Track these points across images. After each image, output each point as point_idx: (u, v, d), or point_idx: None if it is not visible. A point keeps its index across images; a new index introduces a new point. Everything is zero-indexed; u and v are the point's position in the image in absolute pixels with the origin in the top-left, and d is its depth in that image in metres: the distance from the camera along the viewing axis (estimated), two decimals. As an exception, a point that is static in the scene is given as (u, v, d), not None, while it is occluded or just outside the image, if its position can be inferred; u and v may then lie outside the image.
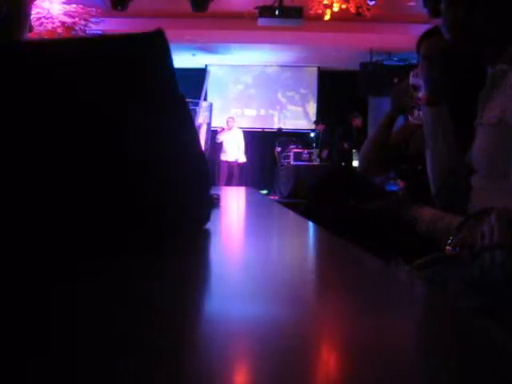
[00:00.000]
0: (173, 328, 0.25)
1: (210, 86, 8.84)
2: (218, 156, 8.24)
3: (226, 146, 8.21)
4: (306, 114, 9.65)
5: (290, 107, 9.81)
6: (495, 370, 0.22)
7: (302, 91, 9.78)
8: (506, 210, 0.78)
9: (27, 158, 0.43)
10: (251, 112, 9.74)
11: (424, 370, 0.22)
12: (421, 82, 1.36)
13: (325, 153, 7.93)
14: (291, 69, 9.67)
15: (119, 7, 6.48)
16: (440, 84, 1.34)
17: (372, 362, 0.22)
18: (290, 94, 9.80)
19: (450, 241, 0.84)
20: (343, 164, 7.44)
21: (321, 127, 8.39)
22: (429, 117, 1.22)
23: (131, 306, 0.29)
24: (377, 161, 1.53)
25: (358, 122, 7.82)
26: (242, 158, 8.37)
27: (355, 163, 7.20)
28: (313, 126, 8.89)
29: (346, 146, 7.71)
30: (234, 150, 8.22)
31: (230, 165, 8.26)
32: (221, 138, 8.09)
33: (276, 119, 9.66)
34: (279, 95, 9.77)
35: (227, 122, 8.21)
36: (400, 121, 1.55)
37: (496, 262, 0.68)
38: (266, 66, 9.56)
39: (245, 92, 9.75)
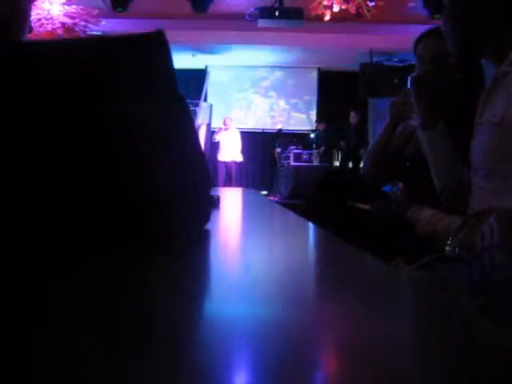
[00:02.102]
0: (173, 328, 0.25)
1: (211, 88, 8.84)
2: (216, 156, 8.23)
3: (222, 147, 8.19)
4: (310, 120, 9.64)
5: (294, 113, 9.82)
6: (495, 369, 0.22)
7: (306, 98, 9.78)
8: (505, 211, 0.78)
9: (27, 159, 0.43)
10: (252, 114, 9.74)
11: (424, 369, 0.22)
12: None
13: (322, 150, 7.96)
14: (292, 71, 9.67)
15: (120, 8, 6.48)
16: (438, 87, 1.34)
17: (372, 362, 0.22)
18: (293, 100, 9.81)
19: (449, 241, 0.84)
20: (349, 164, 7.48)
21: (321, 126, 8.41)
22: (425, 139, 1.20)
23: (131, 306, 0.29)
24: (379, 170, 1.53)
25: (354, 118, 7.87)
26: (239, 158, 8.35)
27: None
28: (313, 127, 8.90)
29: (342, 144, 7.76)
30: (230, 150, 8.20)
31: (228, 165, 8.24)
32: (217, 137, 8.06)
33: (278, 122, 9.66)
34: (282, 102, 9.78)
35: (225, 122, 8.19)
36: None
37: (496, 262, 0.68)
38: (267, 69, 9.56)
39: (247, 94, 9.74)
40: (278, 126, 9.34)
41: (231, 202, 1.47)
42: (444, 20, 1.07)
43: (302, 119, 9.75)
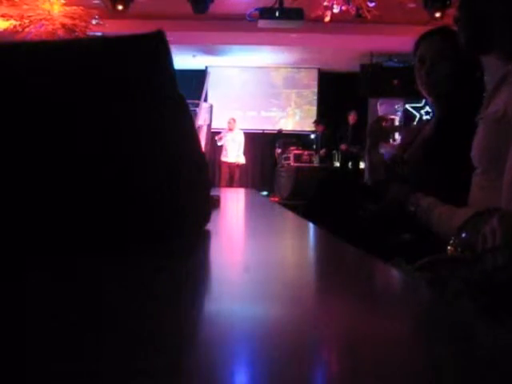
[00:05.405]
0: (173, 328, 0.25)
1: (214, 87, 8.86)
2: (219, 157, 8.25)
3: (226, 147, 8.20)
4: (311, 117, 9.64)
5: (296, 110, 9.84)
6: (495, 369, 0.22)
7: (305, 94, 9.81)
8: (508, 212, 0.78)
9: (28, 158, 0.43)
10: (253, 113, 9.76)
11: (424, 370, 0.22)
12: (387, 109, 1.48)
13: (322, 151, 7.98)
14: (293, 71, 9.69)
15: (120, 9, 6.48)
16: (437, 84, 1.35)
17: (372, 362, 0.22)
18: (293, 96, 9.83)
19: (451, 241, 0.84)
20: (350, 166, 7.50)
21: (320, 128, 8.42)
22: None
23: (131, 307, 0.29)
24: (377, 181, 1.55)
25: (352, 118, 7.86)
26: (242, 160, 8.37)
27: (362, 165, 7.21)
28: (313, 128, 8.90)
29: (343, 147, 7.77)
30: (234, 152, 8.22)
31: (231, 166, 8.26)
32: (222, 141, 8.07)
33: (281, 120, 9.69)
34: (282, 98, 9.80)
35: (228, 122, 8.20)
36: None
37: (498, 264, 0.68)
38: (268, 68, 9.57)
39: (250, 94, 9.74)
40: (282, 121, 9.36)
41: (231, 202, 1.47)
42: (458, 13, 1.07)
43: (302, 114, 9.75)
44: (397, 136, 1.53)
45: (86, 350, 0.22)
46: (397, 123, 1.54)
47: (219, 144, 8.05)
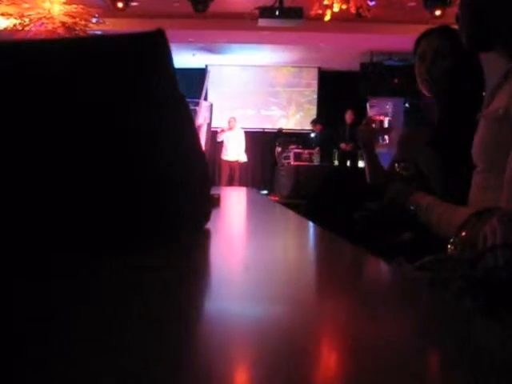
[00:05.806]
0: (173, 328, 0.25)
1: (214, 86, 8.87)
2: (219, 156, 8.26)
3: (227, 146, 8.22)
4: (311, 115, 9.64)
5: (296, 109, 9.85)
6: (495, 369, 0.22)
7: (305, 93, 9.81)
8: (508, 212, 0.78)
9: (28, 158, 0.43)
10: (253, 112, 9.76)
11: (424, 369, 0.22)
12: (377, 112, 1.49)
13: (316, 150, 7.97)
14: (293, 70, 9.70)
15: (119, 7, 6.48)
16: (437, 82, 1.36)
17: (372, 362, 0.21)
18: (294, 95, 9.83)
19: (451, 240, 0.84)
20: (348, 164, 7.50)
21: (318, 127, 8.42)
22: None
23: (130, 306, 0.29)
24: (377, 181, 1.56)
25: (349, 117, 7.84)
26: (243, 158, 8.38)
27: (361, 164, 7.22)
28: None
29: (342, 146, 7.77)
30: (235, 150, 8.23)
31: (231, 165, 8.27)
32: (221, 137, 8.09)
33: (281, 119, 9.70)
34: (282, 97, 9.81)
35: (229, 122, 8.21)
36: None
37: (498, 263, 0.68)
38: (268, 66, 9.57)
39: (250, 92, 9.74)
40: (282, 120, 9.37)
41: (231, 201, 1.47)
42: (459, 11, 1.07)
43: (300, 113, 9.75)
44: (386, 137, 1.53)
45: (86, 350, 0.21)
46: (386, 125, 1.53)
47: (218, 140, 8.05)
